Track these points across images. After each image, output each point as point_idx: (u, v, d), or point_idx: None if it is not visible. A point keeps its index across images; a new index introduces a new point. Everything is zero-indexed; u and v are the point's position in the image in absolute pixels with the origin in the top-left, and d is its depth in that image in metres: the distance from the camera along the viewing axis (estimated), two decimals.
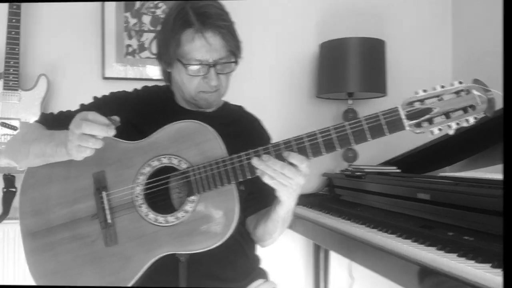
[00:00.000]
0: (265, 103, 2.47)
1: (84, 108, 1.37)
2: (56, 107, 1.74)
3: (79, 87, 2.35)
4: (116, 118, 1.18)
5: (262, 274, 1.47)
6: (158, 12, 2.42)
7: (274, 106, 2.59)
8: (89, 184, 1.28)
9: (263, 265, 1.49)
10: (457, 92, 1.07)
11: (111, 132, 1.16)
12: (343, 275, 2.56)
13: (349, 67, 2.37)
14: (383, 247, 1.45)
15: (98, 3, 2.38)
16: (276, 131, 1.46)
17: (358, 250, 1.63)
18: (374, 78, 2.41)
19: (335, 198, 2.30)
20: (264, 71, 2.57)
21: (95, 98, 1.42)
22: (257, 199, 1.38)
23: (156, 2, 2.42)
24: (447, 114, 1.07)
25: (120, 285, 1.25)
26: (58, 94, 2.35)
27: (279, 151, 1.17)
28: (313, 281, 2.52)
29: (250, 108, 1.52)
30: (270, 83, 2.60)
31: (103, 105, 1.36)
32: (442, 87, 1.08)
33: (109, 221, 1.26)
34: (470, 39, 2.60)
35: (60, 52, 2.37)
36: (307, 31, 2.62)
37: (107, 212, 1.26)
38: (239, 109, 1.51)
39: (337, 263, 2.51)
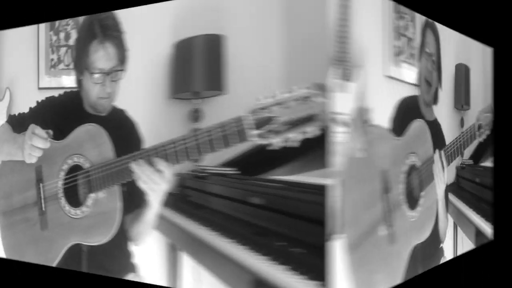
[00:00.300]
0: (127, 107, 2.42)
1: (31, 110, 1.79)
2: (15, 112, 2.22)
3: (26, 96, 2.53)
4: (50, 132, 1.54)
5: (134, 268, 1.69)
6: (69, 28, 2.64)
7: (134, 109, 2.52)
8: (34, 176, 1.57)
9: (135, 260, 1.69)
10: (300, 99, 0.96)
11: (48, 144, 1.52)
12: (192, 277, 2.57)
13: (193, 65, 2.36)
14: (222, 252, 1.47)
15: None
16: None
17: (202, 253, 1.66)
18: (215, 76, 2.42)
19: (185, 198, 2.28)
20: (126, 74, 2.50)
21: (37, 102, 1.81)
22: (133, 201, 1.53)
23: (67, 19, 2.68)
24: (292, 123, 0.97)
25: (48, 265, 1.52)
26: (16, 102, 2.64)
27: (149, 157, 1.30)
28: (167, 279, 2.51)
29: None
30: (130, 86, 2.52)
31: (42, 108, 1.74)
32: (289, 92, 0.98)
33: (43, 209, 1.51)
34: (303, 28, 2.20)
35: (16, 68, 2.66)
36: (162, 31, 2.56)
37: (42, 201, 1.52)
38: (122, 113, 1.69)
39: (190, 264, 2.51)
